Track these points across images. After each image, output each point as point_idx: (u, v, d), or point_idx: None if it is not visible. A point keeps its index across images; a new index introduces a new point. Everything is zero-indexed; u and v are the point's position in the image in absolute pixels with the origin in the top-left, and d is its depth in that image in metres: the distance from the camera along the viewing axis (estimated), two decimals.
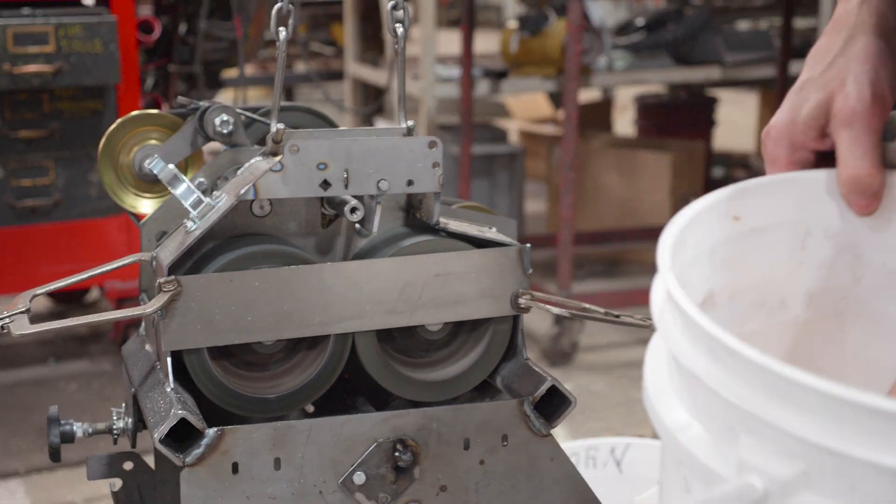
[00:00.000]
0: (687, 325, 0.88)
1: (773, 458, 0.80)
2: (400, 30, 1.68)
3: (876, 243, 1.16)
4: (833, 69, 1.19)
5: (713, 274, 1.12)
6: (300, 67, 7.34)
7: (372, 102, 6.30)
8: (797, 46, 5.58)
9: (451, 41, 6.90)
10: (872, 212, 1.13)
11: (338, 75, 6.86)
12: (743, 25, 6.98)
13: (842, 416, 0.76)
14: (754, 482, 0.80)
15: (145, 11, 4.14)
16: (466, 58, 4.83)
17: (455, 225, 1.65)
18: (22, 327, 1.51)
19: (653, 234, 5.31)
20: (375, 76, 5.85)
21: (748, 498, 0.79)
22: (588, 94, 6.09)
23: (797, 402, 0.78)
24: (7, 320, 1.52)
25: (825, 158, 1.17)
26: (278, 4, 1.59)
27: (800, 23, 5.67)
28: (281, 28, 1.60)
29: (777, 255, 1.16)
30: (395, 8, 1.68)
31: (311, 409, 1.67)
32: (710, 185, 6.30)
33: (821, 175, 1.15)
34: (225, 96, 4.76)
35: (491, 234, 1.66)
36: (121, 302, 3.88)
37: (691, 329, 0.87)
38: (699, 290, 1.11)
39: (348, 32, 6.19)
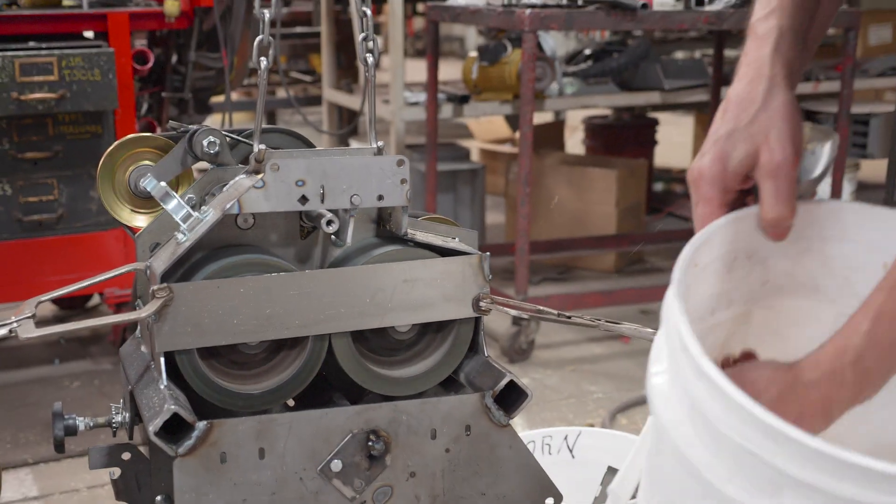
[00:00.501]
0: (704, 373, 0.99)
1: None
2: (370, 59, 1.68)
3: (780, 257, 1.28)
4: (757, 123, 1.24)
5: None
6: (281, 93, 7.32)
7: (346, 125, 6.30)
8: (727, 74, 5.60)
9: (417, 69, 6.92)
10: (784, 239, 1.23)
11: (316, 100, 6.86)
12: (679, 55, 7.02)
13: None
14: None
15: (140, 43, 4.13)
16: (432, 84, 4.83)
17: (422, 236, 1.65)
18: (28, 331, 1.51)
19: (601, 242, 5.34)
20: (349, 101, 5.85)
21: None
22: (541, 117, 6.11)
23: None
24: (15, 325, 1.52)
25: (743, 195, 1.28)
26: (259, 37, 1.59)
27: (729, 53, 5.70)
28: (262, 58, 1.59)
29: (715, 278, 1.26)
30: (365, 40, 1.68)
31: (292, 403, 1.67)
32: (652, 197, 6.34)
33: (751, 215, 1.24)
34: (212, 120, 4.75)
35: (454, 243, 1.66)
36: (119, 307, 3.86)
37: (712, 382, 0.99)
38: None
39: (325, 62, 6.19)
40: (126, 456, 1.63)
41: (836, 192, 4.64)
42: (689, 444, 1.01)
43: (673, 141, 7.46)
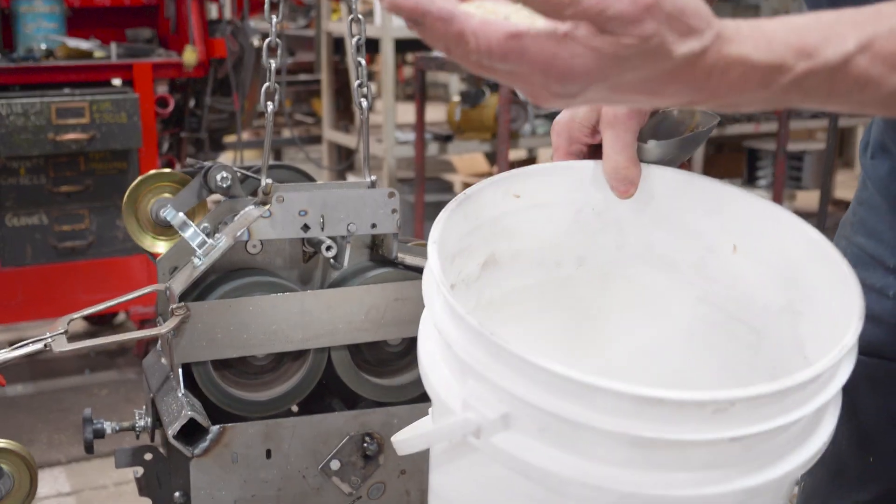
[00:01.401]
0: (443, 302, 0.91)
1: (485, 402, 0.85)
2: (365, 104, 1.68)
3: (634, 222, 1.17)
4: None
5: (495, 239, 1.13)
6: (286, 133, 7.33)
7: (344, 161, 6.30)
8: None
9: (407, 112, 6.93)
10: (630, 196, 1.13)
11: (317, 140, 6.87)
12: None
13: (533, 376, 0.81)
14: (472, 418, 0.85)
15: (162, 89, 4.13)
16: (419, 125, 4.84)
17: (410, 259, 1.64)
18: (61, 345, 1.51)
19: None
20: (347, 140, 5.85)
21: (467, 429, 0.85)
22: (516, 154, 6.10)
23: (504, 361, 0.83)
24: (49, 340, 1.52)
25: (596, 151, 1.17)
26: (266, 84, 1.59)
27: None
28: (269, 103, 1.59)
29: (554, 225, 1.17)
30: (360, 86, 1.68)
31: (295, 408, 1.65)
32: None
33: (590, 164, 1.15)
34: (225, 157, 4.75)
35: None
36: (143, 323, 3.85)
37: (445, 304, 0.90)
38: (481, 252, 1.13)
39: (325, 105, 6.20)
40: (148, 456, 1.62)
41: None
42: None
43: None
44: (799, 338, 1.08)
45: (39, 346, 1.50)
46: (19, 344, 1.52)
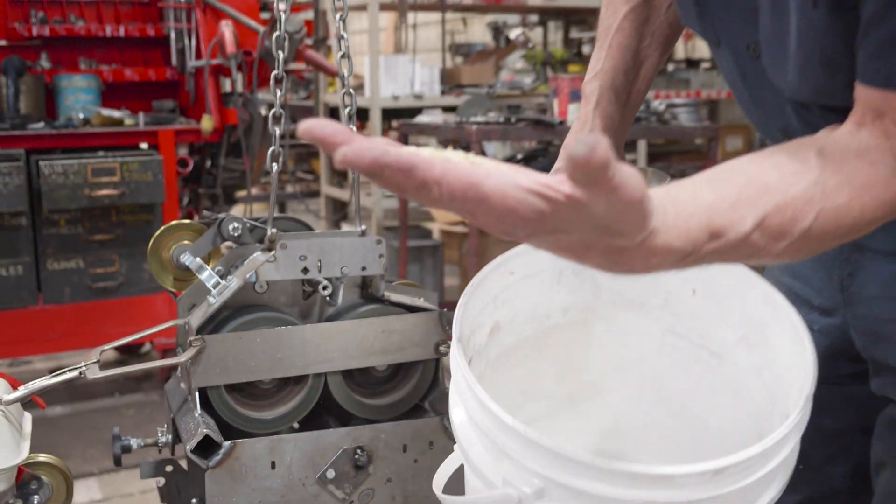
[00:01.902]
0: (478, 400, 0.92)
1: (522, 478, 0.87)
2: None
3: (607, 276, 1.19)
4: None
5: (497, 311, 1.16)
6: (290, 189, 7.35)
7: (339, 212, 6.31)
8: None
9: None
10: None
11: (315, 194, 6.89)
12: None
13: (561, 462, 0.84)
14: (512, 493, 0.88)
15: (182, 152, 4.14)
16: None
17: (395, 297, 1.64)
18: (94, 373, 1.50)
19: None
20: (341, 194, 5.86)
21: (509, 502, 0.87)
22: None
23: (535, 449, 0.86)
24: (84, 368, 1.51)
25: None
26: (272, 148, 1.60)
27: (626, 156, 5.77)
28: (274, 164, 1.60)
29: (542, 289, 1.20)
30: None
31: (296, 426, 1.64)
32: None
33: None
34: (237, 210, 4.74)
35: (420, 302, 1.66)
36: (165, 353, 3.84)
37: (480, 402, 0.92)
38: (488, 324, 1.16)
39: (322, 165, 6.21)
40: (169, 468, 1.60)
41: None
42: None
43: None
44: (755, 364, 1.10)
45: (75, 373, 1.49)
46: (58, 372, 1.51)
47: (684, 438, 1.24)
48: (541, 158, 5.70)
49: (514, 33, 7.23)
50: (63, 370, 1.50)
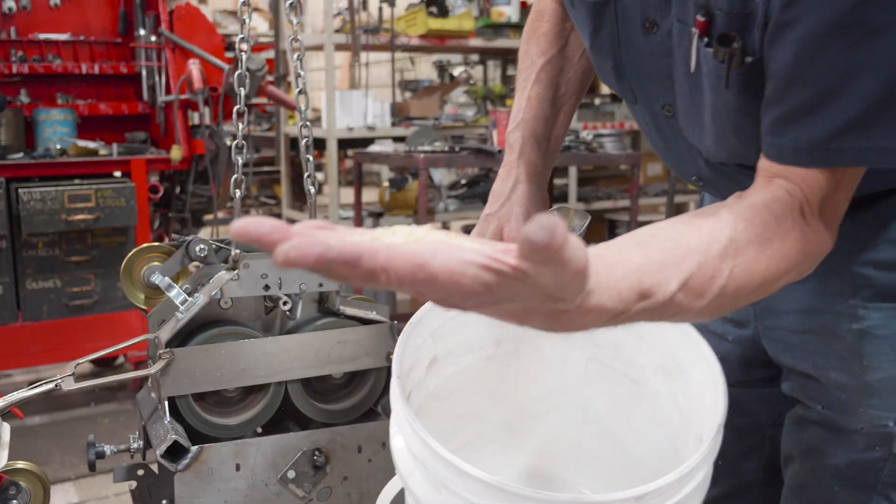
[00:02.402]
0: (419, 438, 0.90)
1: None
2: (312, 190, 1.68)
3: None
4: (504, 208, 1.20)
5: (435, 346, 1.14)
6: (254, 212, 7.28)
7: None
8: (556, 197, 5.72)
9: (348, 194, 6.92)
10: None
11: (278, 217, 6.82)
12: None
13: (496, 494, 0.83)
14: None
15: (153, 179, 4.08)
16: (357, 205, 4.84)
17: (350, 310, 1.63)
18: (69, 385, 1.46)
19: None
20: (301, 217, 5.82)
21: None
22: (434, 226, 6.15)
23: (471, 481, 0.84)
24: (60, 380, 1.47)
25: None
26: (235, 175, 1.58)
27: (558, 181, 5.82)
28: (237, 190, 1.58)
29: (476, 324, 1.19)
30: (308, 177, 1.68)
31: (259, 430, 1.62)
32: None
33: None
34: (204, 232, 4.68)
35: (373, 315, 1.65)
36: (138, 365, 3.76)
37: (421, 440, 0.90)
38: (426, 359, 1.14)
39: (283, 190, 6.17)
40: (140, 472, 1.57)
41: None
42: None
43: None
44: (671, 391, 1.11)
45: (51, 385, 1.46)
46: (35, 384, 1.48)
47: (609, 458, 1.25)
48: (482, 183, 5.72)
49: (457, 71, 7.27)
50: (39, 383, 1.46)
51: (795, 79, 0.79)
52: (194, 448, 1.43)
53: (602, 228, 6.18)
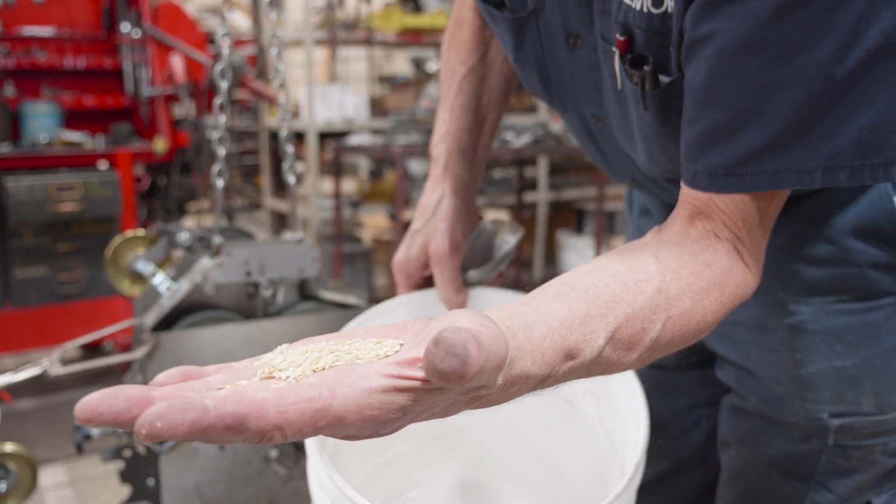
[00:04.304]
0: (332, 481, 0.83)
1: None
2: (292, 180, 1.67)
3: None
4: (430, 223, 1.14)
5: None
6: (237, 202, 7.22)
7: (281, 222, 6.22)
8: (527, 185, 5.73)
9: (328, 184, 6.89)
10: None
11: (259, 206, 6.79)
12: (497, 174, 7.14)
13: None
14: None
15: (138, 171, 4.04)
16: (337, 194, 4.81)
17: (329, 295, 1.63)
18: (56, 369, 1.44)
19: None
20: (282, 206, 5.79)
21: None
22: (409, 214, 6.13)
23: None
24: (47, 364, 1.45)
25: (431, 280, 1.13)
26: (216, 166, 1.57)
27: (528, 171, 5.83)
28: (219, 180, 1.57)
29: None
30: (289, 168, 1.67)
31: None
32: None
33: (424, 294, 1.11)
34: (189, 221, 4.65)
35: (351, 299, 1.64)
36: (125, 349, 3.73)
37: (333, 483, 0.83)
38: None
39: (265, 181, 6.13)
40: (127, 453, 1.55)
41: None
42: None
43: None
44: (601, 416, 1.09)
45: (38, 370, 1.44)
46: (21, 368, 1.45)
47: (538, 475, 1.23)
48: None
49: (432, 66, 7.24)
50: (26, 367, 1.44)
51: (710, 99, 0.71)
52: None
53: (571, 216, 6.20)
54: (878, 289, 0.93)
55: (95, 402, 0.43)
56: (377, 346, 0.54)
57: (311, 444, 0.87)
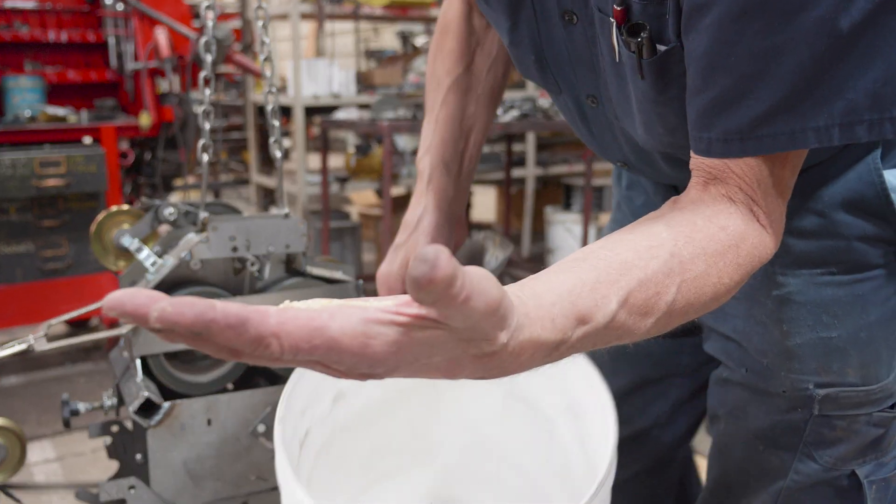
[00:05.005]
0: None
1: None
2: (278, 155, 1.65)
3: None
4: (412, 238, 1.15)
5: (337, 381, 1.07)
6: (223, 178, 7.18)
7: (268, 198, 6.19)
8: (515, 161, 5.72)
9: (315, 160, 6.85)
10: None
11: (246, 182, 6.75)
12: (485, 149, 7.12)
13: None
14: None
15: (123, 145, 4.00)
16: (324, 170, 4.79)
17: (317, 270, 1.62)
18: (41, 345, 1.44)
19: None
20: (269, 182, 5.76)
21: None
22: (397, 191, 6.11)
23: None
24: (32, 340, 1.44)
25: None
26: (201, 141, 1.55)
27: (516, 147, 5.82)
28: (204, 155, 1.55)
29: None
30: (275, 142, 1.65)
31: (230, 386, 1.61)
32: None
33: None
34: (175, 197, 4.62)
35: (339, 275, 1.64)
36: (112, 325, 3.72)
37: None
38: (330, 393, 1.11)
39: (252, 156, 6.09)
40: (115, 428, 1.55)
41: (584, 238, 4.76)
42: None
43: (483, 204, 7.56)
44: (580, 432, 1.08)
45: (24, 346, 1.43)
46: (7, 344, 1.45)
47: (516, 485, 1.23)
48: None
49: (420, 41, 7.19)
50: (11, 343, 1.44)
51: (715, 67, 0.72)
52: (166, 404, 1.42)
53: (559, 192, 6.20)
54: (865, 261, 0.94)
55: (120, 295, 0.46)
56: (379, 301, 0.55)
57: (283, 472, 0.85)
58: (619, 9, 0.79)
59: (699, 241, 0.71)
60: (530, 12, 0.92)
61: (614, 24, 0.81)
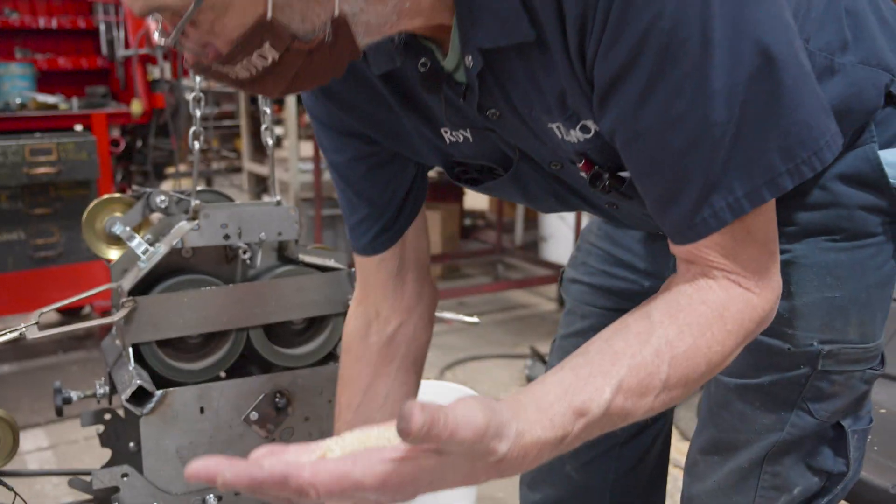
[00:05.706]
0: None
1: None
2: (270, 142, 1.65)
3: None
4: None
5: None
6: (215, 165, 7.15)
7: (260, 186, 6.18)
8: None
9: (307, 147, 6.83)
10: None
11: (239, 170, 6.73)
12: None
13: None
14: None
15: (115, 133, 3.99)
16: (316, 157, 4.78)
17: (309, 258, 1.62)
18: (33, 333, 1.43)
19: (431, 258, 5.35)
20: (261, 170, 5.74)
21: None
22: None
23: None
24: (23, 329, 1.44)
25: None
26: (193, 128, 1.55)
27: None
28: (196, 142, 1.55)
29: None
30: (266, 129, 1.65)
31: (223, 374, 1.61)
32: (463, 228, 6.38)
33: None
34: (167, 185, 4.60)
35: (331, 263, 1.64)
36: (104, 314, 3.71)
37: None
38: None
39: (244, 144, 6.07)
40: (107, 416, 1.55)
41: (577, 226, 4.76)
42: None
43: (474, 194, 7.55)
44: None
45: (15, 334, 1.43)
46: None
47: None
48: None
49: None
50: (4, 331, 1.43)
51: (643, 178, 0.82)
52: (159, 392, 1.42)
53: None
54: (865, 229, 1.01)
55: (202, 465, 0.60)
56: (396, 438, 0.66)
57: None
58: (580, 163, 0.90)
59: (682, 319, 0.79)
60: (521, 170, 1.01)
61: (585, 176, 0.92)
